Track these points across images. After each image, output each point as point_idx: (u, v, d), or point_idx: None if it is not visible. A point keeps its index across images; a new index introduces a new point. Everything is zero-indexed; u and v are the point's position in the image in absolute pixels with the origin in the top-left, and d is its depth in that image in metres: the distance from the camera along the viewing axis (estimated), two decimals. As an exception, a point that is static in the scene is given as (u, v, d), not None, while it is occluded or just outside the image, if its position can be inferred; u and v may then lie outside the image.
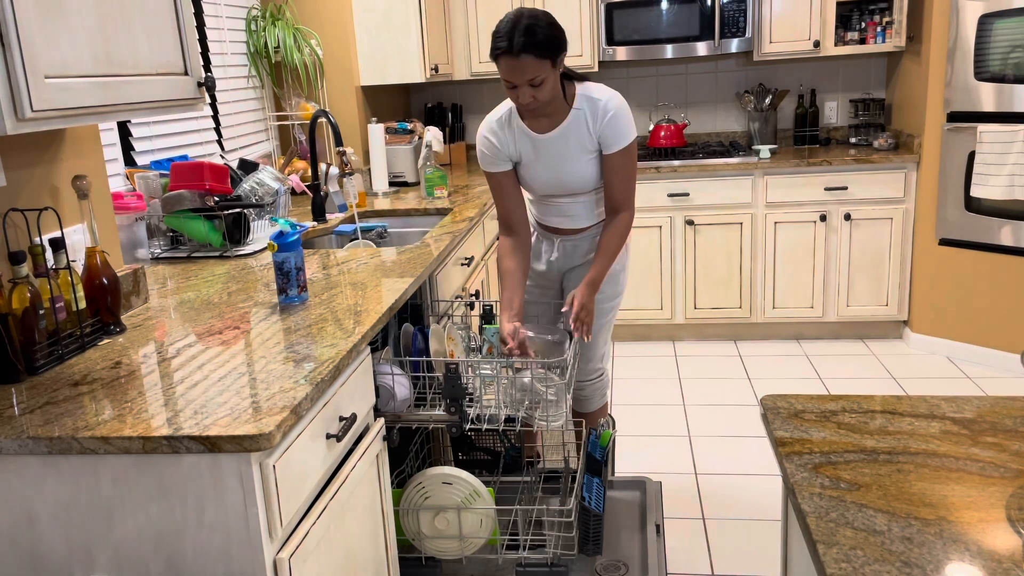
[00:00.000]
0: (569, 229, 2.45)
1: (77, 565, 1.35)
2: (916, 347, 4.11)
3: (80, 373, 1.57)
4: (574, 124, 2.25)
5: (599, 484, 2.25)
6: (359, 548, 1.69)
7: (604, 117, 2.22)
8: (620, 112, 2.23)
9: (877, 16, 4.17)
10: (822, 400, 1.32)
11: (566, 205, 2.40)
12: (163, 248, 2.67)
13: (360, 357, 1.75)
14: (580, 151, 2.27)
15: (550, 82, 2.12)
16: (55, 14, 1.42)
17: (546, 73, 2.10)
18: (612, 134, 2.23)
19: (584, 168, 2.29)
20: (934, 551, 0.92)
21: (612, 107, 2.22)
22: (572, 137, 2.26)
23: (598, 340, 2.52)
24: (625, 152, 2.26)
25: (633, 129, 2.27)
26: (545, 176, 2.33)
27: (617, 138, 2.24)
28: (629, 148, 2.26)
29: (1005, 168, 3.51)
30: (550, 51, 2.08)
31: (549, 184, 2.35)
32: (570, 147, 2.27)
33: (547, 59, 2.08)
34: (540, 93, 2.12)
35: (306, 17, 3.97)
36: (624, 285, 2.53)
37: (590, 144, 2.26)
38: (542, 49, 2.07)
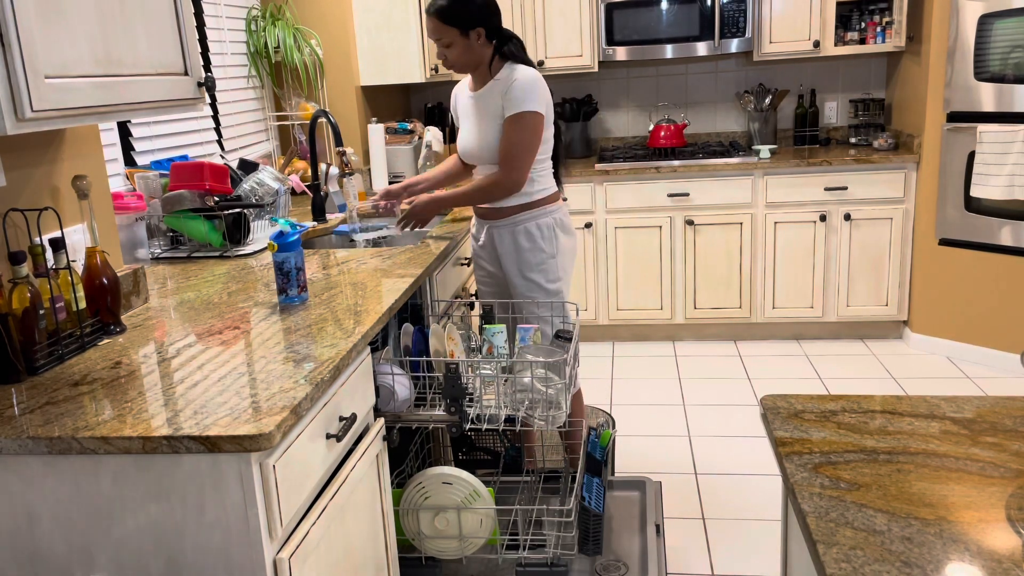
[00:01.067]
0: (489, 208, 2.54)
1: (77, 565, 1.35)
2: (916, 347, 4.11)
3: (80, 373, 1.57)
4: (489, 91, 2.45)
5: (599, 484, 2.25)
6: (359, 548, 1.69)
7: (510, 84, 2.38)
8: (524, 82, 2.37)
9: (877, 16, 4.17)
10: (822, 400, 1.32)
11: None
12: (163, 248, 2.67)
13: (360, 357, 1.75)
14: (490, 116, 2.44)
15: (458, 47, 2.39)
16: (55, 14, 1.42)
17: (451, 38, 2.37)
18: (510, 101, 2.38)
19: (489, 133, 2.44)
20: (934, 551, 0.92)
21: (518, 76, 2.39)
22: (486, 103, 2.45)
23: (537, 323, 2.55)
24: (516, 119, 2.38)
25: (532, 102, 2.38)
26: (463, 136, 2.56)
27: (512, 104, 2.37)
28: (521, 117, 2.37)
29: (1005, 168, 3.52)
30: (455, 20, 2.35)
31: (465, 144, 2.55)
32: (483, 111, 2.46)
33: (452, 27, 2.36)
34: (450, 54, 2.41)
35: (306, 17, 3.97)
36: (557, 274, 2.54)
37: (500, 111, 2.42)
38: (446, 16, 2.35)
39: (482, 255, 2.67)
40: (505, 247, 2.54)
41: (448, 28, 2.36)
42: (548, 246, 2.51)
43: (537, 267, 2.51)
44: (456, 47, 2.39)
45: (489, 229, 2.59)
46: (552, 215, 2.52)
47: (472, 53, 2.40)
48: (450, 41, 2.38)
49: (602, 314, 4.37)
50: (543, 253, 2.51)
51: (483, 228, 2.61)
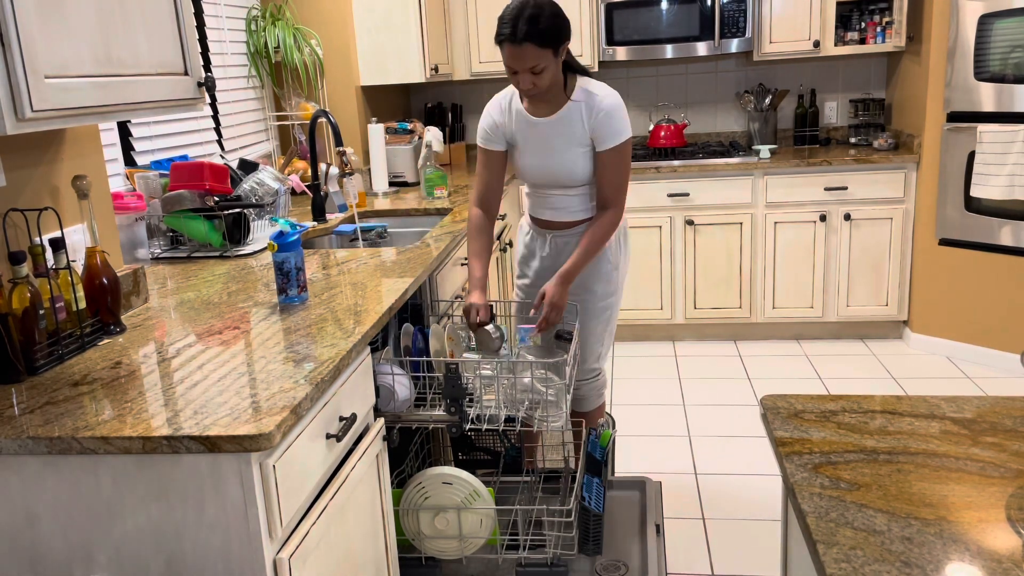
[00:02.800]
0: (559, 223, 2.45)
1: (77, 565, 1.35)
2: (916, 347, 4.11)
3: (80, 373, 1.57)
4: (568, 114, 2.29)
5: (599, 484, 2.25)
6: (359, 548, 1.69)
7: (598, 113, 2.26)
8: (614, 110, 2.26)
9: (877, 16, 4.17)
10: (822, 400, 1.32)
11: (556, 198, 2.42)
12: (163, 248, 2.67)
13: (360, 357, 1.75)
14: (571, 142, 2.30)
15: (550, 70, 2.18)
16: (55, 14, 1.42)
17: (547, 62, 2.16)
18: (605, 131, 2.26)
19: (573, 159, 2.32)
20: (934, 551, 0.92)
21: (607, 105, 2.26)
22: (565, 127, 2.30)
23: (591, 339, 2.51)
24: (617, 151, 2.28)
25: (627, 129, 2.29)
26: (534, 162, 2.37)
27: (609, 136, 2.27)
28: (621, 147, 2.28)
29: (1005, 168, 3.52)
30: (552, 40, 2.14)
31: (538, 171, 2.38)
32: (562, 136, 2.31)
33: (548, 48, 2.14)
34: (540, 80, 2.19)
35: (306, 17, 3.97)
36: (618, 285, 2.51)
37: (582, 137, 2.29)
38: (544, 38, 2.13)
39: (540, 270, 2.52)
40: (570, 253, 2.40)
41: (543, 52, 2.14)
42: (613, 257, 2.45)
43: (601, 277, 2.43)
44: (548, 70, 2.17)
45: (554, 239, 2.47)
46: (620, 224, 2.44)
47: (559, 72, 2.23)
48: (545, 65, 2.16)
49: (602, 314, 4.36)
50: (608, 263, 2.44)
51: (546, 239, 2.49)
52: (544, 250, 2.51)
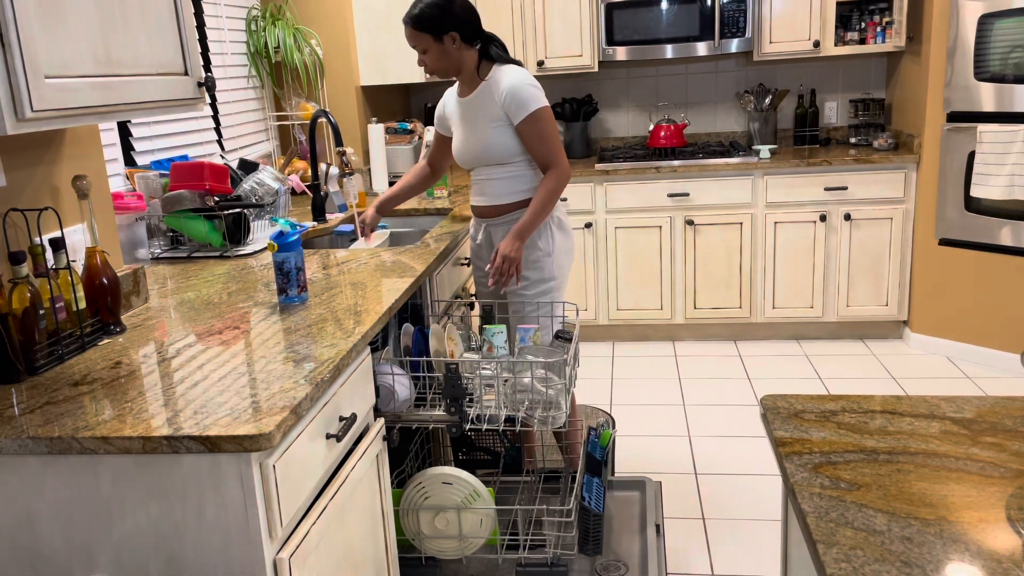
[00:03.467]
0: (490, 208, 2.54)
1: (77, 565, 1.35)
2: (916, 347, 4.11)
3: (80, 373, 1.57)
4: (480, 94, 2.46)
5: (599, 484, 2.25)
6: (359, 548, 1.69)
7: (504, 92, 2.40)
8: (517, 85, 2.39)
9: (877, 16, 4.17)
10: (822, 400, 1.32)
11: (483, 182, 2.54)
12: (163, 248, 2.67)
13: (360, 357, 1.75)
14: (485, 119, 2.45)
15: (433, 53, 2.41)
16: (55, 14, 1.42)
17: (426, 44, 2.40)
18: (513, 106, 2.39)
19: (485, 133, 2.45)
20: (934, 551, 0.92)
21: (509, 81, 2.41)
22: (479, 106, 2.46)
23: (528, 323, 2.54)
24: (531, 120, 2.39)
25: (534, 99, 2.40)
26: (458, 141, 2.56)
27: (519, 108, 2.39)
28: (536, 115, 2.39)
29: (1005, 168, 3.52)
30: (427, 27, 2.37)
31: (460, 149, 2.55)
32: (477, 114, 2.47)
33: (426, 33, 2.38)
34: (427, 60, 2.44)
35: (306, 17, 3.97)
36: (552, 272, 2.53)
37: (497, 113, 2.43)
38: (418, 23, 2.38)
39: (480, 254, 2.67)
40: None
41: (422, 35, 2.39)
42: (544, 244, 2.51)
43: (532, 265, 2.50)
44: (432, 53, 2.42)
45: (487, 227, 2.59)
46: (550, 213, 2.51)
47: (449, 58, 2.43)
48: (425, 47, 2.41)
49: (602, 314, 4.37)
50: (538, 251, 2.50)
51: (481, 227, 2.62)
52: (478, 237, 2.64)
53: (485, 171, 2.52)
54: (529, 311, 2.53)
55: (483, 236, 2.62)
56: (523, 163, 2.48)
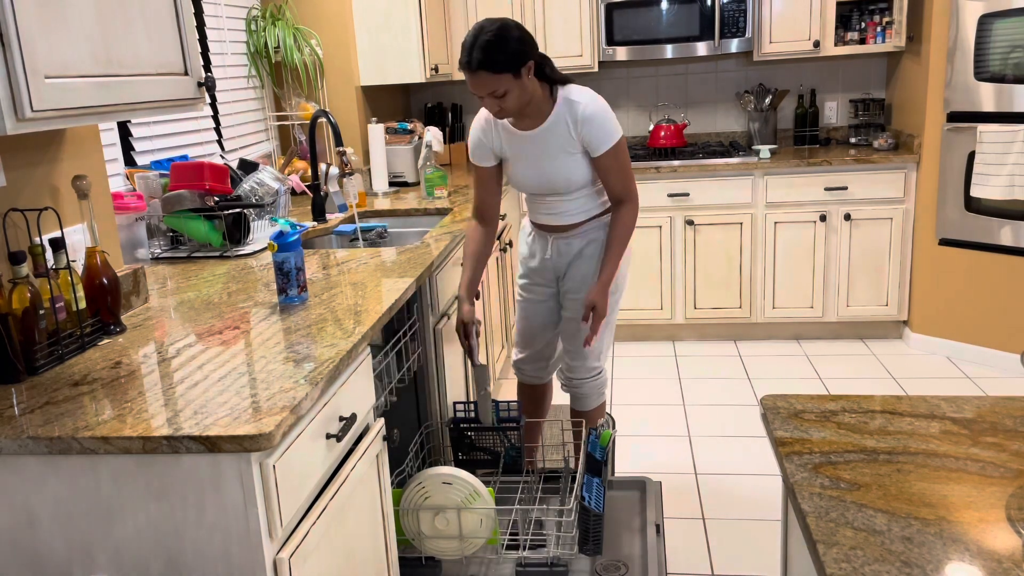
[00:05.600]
0: (559, 226, 2.46)
1: (77, 565, 1.35)
2: (916, 347, 4.11)
3: (80, 373, 1.57)
4: (554, 125, 2.30)
5: (599, 484, 2.25)
6: (359, 548, 1.69)
7: (583, 122, 2.26)
8: (597, 115, 2.27)
9: (877, 16, 4.17)
10: (822, 400, 1.32)
11: (554, 203, 2.43)
12: (163, 248, 2.67)
13: (360, 357, 1.75)
14: (561, 151, 2.32)
15: (514, 92, 2.18)
16: (55, 14, 1.42)
17: (506, 85, 2.15)
18: (594, 137, 2.27)
19: (566, 167, 2.33)
20: (934, 551, 0.92)
21: (589, 111, 2.26)
22: (552, 137, 2.31)
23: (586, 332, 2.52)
24: (612, 153, 2.30)
25: (615, 130, 2.30)
26: (528, 173, 2.39)
27: (600, 141, 2.28)
28: (616, 147, 2.30)
29: (1005, 168, 3.51)
30: (507, 66, 2.13)
31: (533, 182, 2.40)
32: (551, 147, 2.32)
33: (505, 73, 2.14)
34: (505, 103, 2.19)
35: (306, 17, 3.97)
36: (621, 284, 2.52)
37: (571, 145, 2.30)
38: (497, 65, 2.12)
39: (540, 267, 2.55)
40: (572, 253, 2.47)
41: (500, 77, 2.14)
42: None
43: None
44: (512, 93, 2.17)
45: (555, 241, 2.49)
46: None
47: (527, 91, 2.21)
48: (505, 90, 2.16)
49: (602, 314, 4.36)
50: None
51: (547, 242, 2.50)
52: (547, 252, 2.52)
53: (554, 198, 2.41)
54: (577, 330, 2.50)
55: (552, 251, 2.50)
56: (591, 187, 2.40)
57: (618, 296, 2.52)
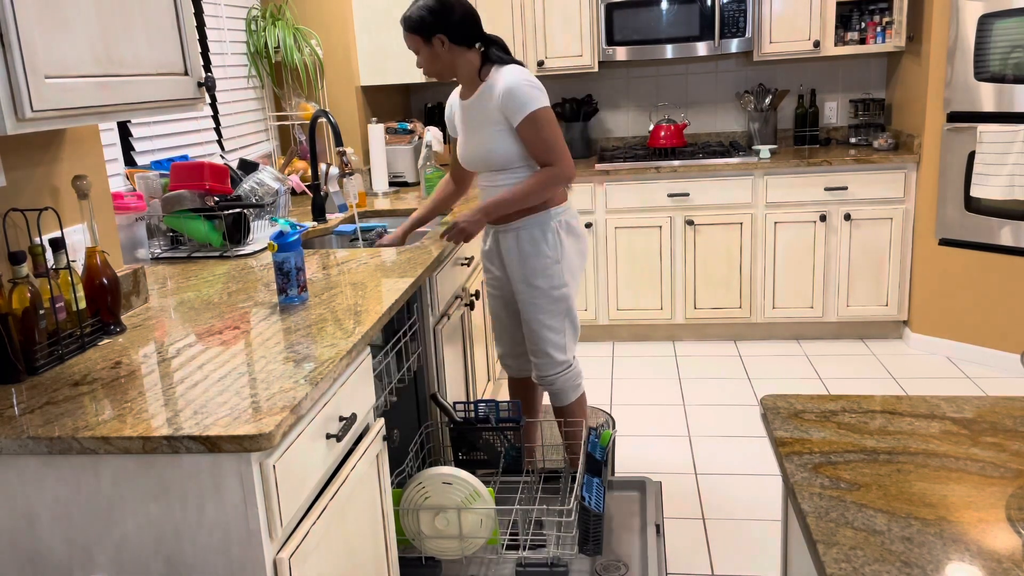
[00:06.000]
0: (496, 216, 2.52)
1: (77, 565, 1.35)
2: (916, 347, 4.11)
3: (80, 373, 1.57)
4: (480, 97, 2.44)
5: (599, 484, 2.25)
6: (359, 548, 1.69)
7: (501, 93, 2.37)
8: (513, 85, 2.35)
9: (877, 16, 4.17)
10: (822, 400, 1.32)
11: (488, 188, 2.52)
12: (163, 248, 2.67)
13: (360, 357, 1.75)
14: (485, 122, 2.43)
15: (424, 54, 2.42)
16: (55, 14, 1.42)
17: (416, 45, 2.41)
18: (511, 107, 2.36)
19: (487, 138, 2.43)
20: (934, 551, 0.92)
21: (506, 82, 2.37)
22: (480, 109, 2.44)
23: (550, 332, 2.52)
24: (529, 122, 2.36)
25: (533, 100, 2.35)
26: (462, 144, 2.55)
27: (517, 110, 2.35)
28: (533, 116, 2.35)
29: (1005, 168, 3.52)
30: (417, 29, 2.38)
31: (464, 153, 2.54)
32: (478, 117, 2.45)
33: (416, 35, 2.39)
34: (419, 61, 2.45)
35: (306, 17, 3.97)
36: (563, 279, 2.50)
37: (496, 117, 2.40)
38: (408, 25, 2.39)
39: (489, 260, 2.66)
40: (510, 253, 2.52)
41: (412, 36, 2.40)
42: (552, 251, 2.47)
43: (541, 273, 2.47)
44: (422, 54, 2.42)
45: (495, 234, 2.58)
46: (557, 218, 2.47)
47: (439, 60, 2.41)
48: (416, 48, 2.42)
49: (602, 314, 4.37)
50: (547, 258, 2.46)
51: (490, 232, 2.61)
52: (486, 243, 2.64)
53: (490, 176, 2.49)
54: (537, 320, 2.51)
55: (492, 242, 2.61)
56: (528, 168, 2.44)
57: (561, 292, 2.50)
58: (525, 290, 2.50)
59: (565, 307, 2.52)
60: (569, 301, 2.53)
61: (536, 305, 2.50)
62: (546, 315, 2.50)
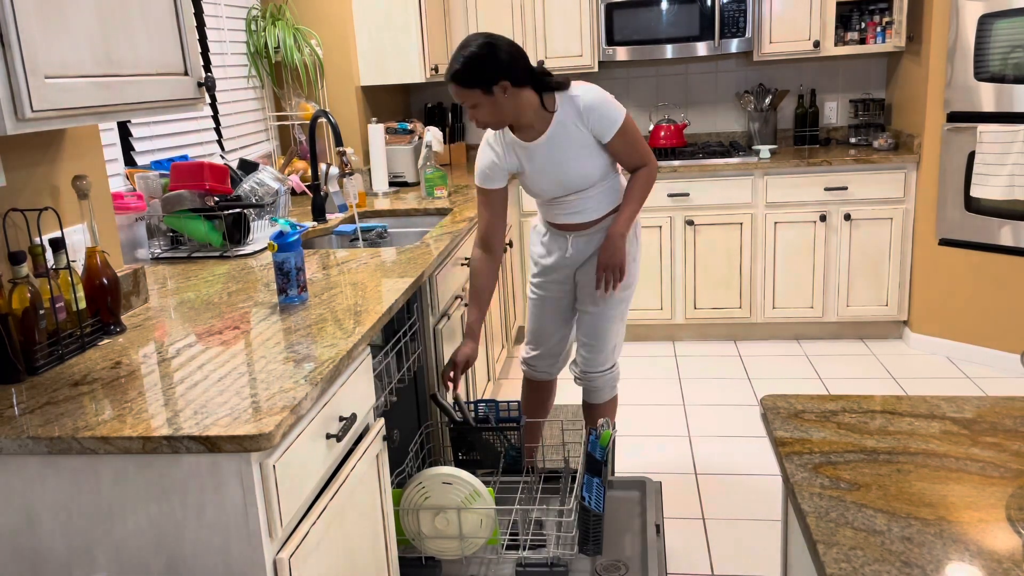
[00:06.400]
0: (581, 224, 2.48)
1: (77, 565, 1.35)
2: (916, 347, 4.11)
3: (80, 373, 1.57)
4: (560, 127, 2.33)
5: (599, 484, 2.25)
6: (359, 548, 1.69)
7: (585, 111, 2.31)
8: (597, 102, 2.31)
9: (877, 16, 4.17)
10: (822, 400, 1.32)
11: (575, 202, 2.44)
12: (163, 248, 2.67)
13: (360, 357, 1.75)
14: (576, 147, 2.35)
15: (485, 107, 2.24)
16: (55, 14, 1.42)
17: (476, 99, 2.23)
18: (601, 124, 2.32)
19: (584, 164, 2.36)
20: (934, 551, 0.92)
21: (589, 100, 2.31)
22: (564, 138, 2.34)
23: (608, 332, 2.54)
24: (620, 134, 2.35)
25: (619, 111, 2.34)
26: (547, 181, 2.41)
27: (608, 125, 2.33)
28: (623, 128, 2.35)
29: (1005, 168, 3.51)
30: (475, 82, 2.20)
31: (553, 187, 2.41)
32: (565, 147, 2.35)
33: (475, 88, 2.21)
34: (479, 114, 2.27)
35: (306, 17, 3.97)
36: (635, 276, 2.55)
37: (584, 139, 2.34)
38: (465, 81, 2.21)
39: (558, 264, 2.56)
40: (593, 247, 2.49)
41: (471, 91, 2.22)
42: (632, 247, 2.49)
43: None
44: (483, 107, 2.24)
45: (575, 239, 2.50)
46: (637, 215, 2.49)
47: (502, 108, 2.25)
48: (476, 102, 2.24)
49: (602, 314, 4.36)
50: (627, 255, 2.46)
51: (566, 240, 2.52)
52: (567, 251, 2.53)
53: (577, 194, 2.43)
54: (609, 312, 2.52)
55: (572, 248, 2.51)
56: (613, 173, 2.46)
57: (629, 292, 2.54)
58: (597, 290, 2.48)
59: (625, 308, 2.56)
60: (629, 302, 2.57)
61: (606, 299, 2.51)
62: (612, 310, 2.52)
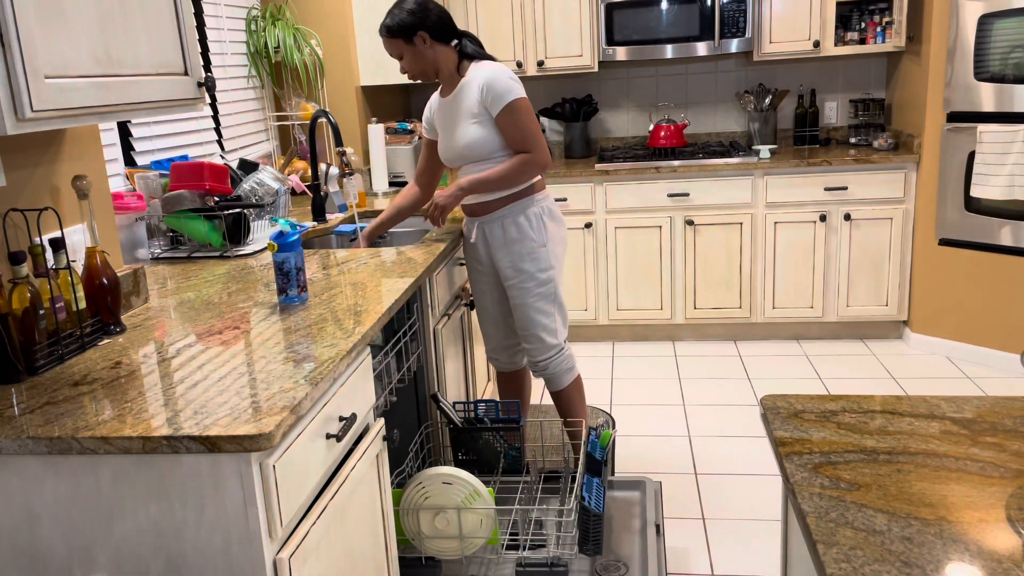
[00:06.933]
0: (477, 204, 2.59)
1: (77, 565, 1.35)
2: (916, 347, 4.11)
3: (80, 373, 1.57)
4: (461, 92, 2.52)
5: (599, 484, 2.25)
6: (359, 548, 1.69)
7: (482, 86, 2.45)
8: (495, 78, 2.44)
9: (877, 16, 4.17)
10: (822, 400, 1.32)
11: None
12: (163, 248, 2.67)
13: (360, 357, 1.75)
14: (466, 116, 2.50)
15: (408, 56, 2.48)
16: (55, 14, 1.42)
17: (399, 50, 2.48)
18: (491, 97, 2.45)
19: (470, 131, 2.49)
20: (934, 551, 0.92)
21: (486, 75, 2.46)
22: (461, 102, 2.51)
23: (540, 316, 2.60)
24: (509, 110, 2.44)
25: (511, 91, 2.44)
26: (443, 144, 2.60)
27: (496, 100, 2.44)
28: (512, 106, 2.44)
29: (1005, 168, 3.51)
30: (400, 32, 2.45)
31: (446, 152, 2.59)
32: (459, 112, 2.52)
33: (398, 38, 2.46)
34: (404, 65, 2.52)
35: (306, 17, 3.97)
36: (550, 262, 2.59)
37: (476, 109, 2.48)
38: (390, 31, 2.46)
39: (475, 253, 2.70)
40: (496, 240, 2.60)
41: (394, 41, 2.46)
42: (537, 235, 2.56)
43: (528, 256, 2.56)
44: (406, 57, 2.48)
45: (480, 226, 2.63)
46: (539, 204, 2.58)
47: (423, 59, 2.48)
48: (400, 52, 2.48)
49: (602, 314, 4.37)
50: (533, 242, 2.56)
51: (474, 225, 2.65)
52: (471, 236, 2.66)
53: (471, 168, 2.55)
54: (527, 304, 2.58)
55: (477, 234, 2.64)
56: (508, 159, 2.52)
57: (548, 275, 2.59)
58: (513, 275, 2.58)
59: (552, 290, 2.61)
60: (556, 285, 2.62)
61: (525, 289, 2.58)
62: (535, 298, 2.59)
